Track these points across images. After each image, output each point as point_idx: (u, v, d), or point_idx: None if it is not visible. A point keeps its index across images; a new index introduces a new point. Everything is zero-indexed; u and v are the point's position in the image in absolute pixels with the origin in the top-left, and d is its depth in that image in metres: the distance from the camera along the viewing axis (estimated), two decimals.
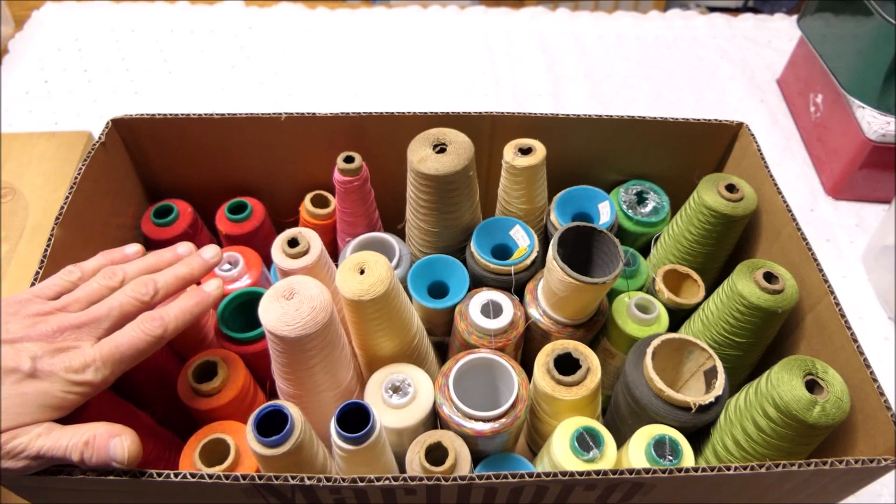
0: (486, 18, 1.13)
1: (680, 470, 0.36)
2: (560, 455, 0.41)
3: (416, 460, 0.41)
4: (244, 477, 0.34)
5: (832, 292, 0.45)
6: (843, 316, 0.44)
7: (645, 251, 0.60)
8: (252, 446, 0.36)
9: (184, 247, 0.46)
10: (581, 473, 0.35)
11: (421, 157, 0.48)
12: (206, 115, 0.55)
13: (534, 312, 0.50)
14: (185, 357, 0.50)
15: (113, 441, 0.36)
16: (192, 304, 0.42)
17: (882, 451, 0.39)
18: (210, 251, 0.46)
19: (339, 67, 1.03)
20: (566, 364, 0.45)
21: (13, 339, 0.36)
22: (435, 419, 0.46)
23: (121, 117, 0.55)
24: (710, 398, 0.43)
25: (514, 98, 0.99)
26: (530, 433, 0.50)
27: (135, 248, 0.46)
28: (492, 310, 0.48)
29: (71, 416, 0.37)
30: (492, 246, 0.53)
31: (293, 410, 0.37)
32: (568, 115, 0.57)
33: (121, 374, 0.38)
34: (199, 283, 0.45)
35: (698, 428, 0.44)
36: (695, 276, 0.53)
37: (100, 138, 0.53)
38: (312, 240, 0.46)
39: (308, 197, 0.60)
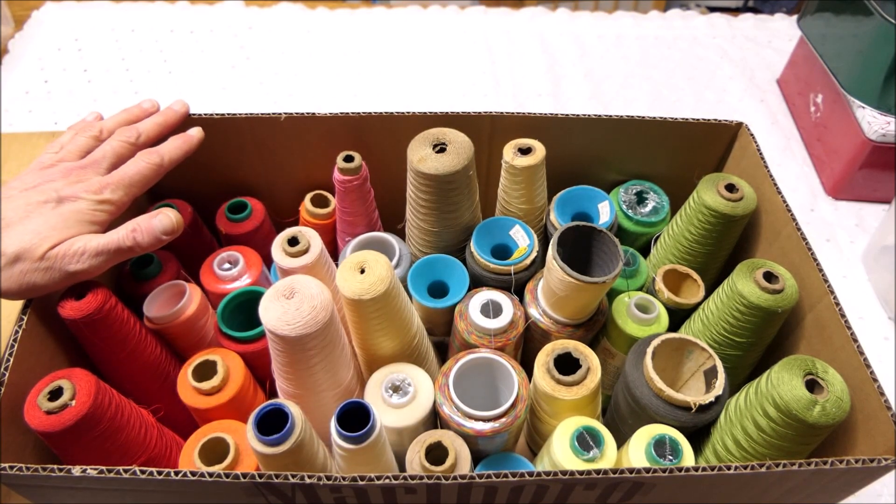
0: (486, 18, 1.13)
1: (680, 470, 0.36)
2: (560, 454, 0.41)
3: (416, 460, 0.41)
4: (244, 475, 0.34)
5: (832, 292, 0.45)
6: (843, 316, 0.44)
7: (645, 251, 0.60)
8: (252, 445, 0.36)
9: (147, 103, 0.54)
10: (581, 473, 0.35)
11: (421, 156, 0.48)
12: (206, 115, 0.55)
13: (534, 312, 0.50)
14: (185, 356, 0.50)
15: (156, 219, 0.45)
16: (181, 142, 0.51)
17: (882, 451, 0.39)
18: (178, 104, 0.54)
19: (339, 67, 1.02)
20: (566, 364, 0.44)
21: (33, 185, 0.44)
22: (435, 419, 0.46)
23: None
24: (710, 398, 0.43)
25: (514, 98, 0.99)
26: (530, 433, 0.50)
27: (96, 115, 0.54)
28: (491, 309, 0.48)
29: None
30: (492, 246, 0.53)
31: (293, 409, 0.37)
32: (568, 115, 0.57)
33: (133, 198, 0.47)
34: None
35: (698, 428, 0.44)
36: (695, 275, 0.53)
37: None
38: (312, 239, 0.46)
39: (308, 197, 0.60)
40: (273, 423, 0.37)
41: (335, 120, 0.56)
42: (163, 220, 0.45)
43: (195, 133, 0.53)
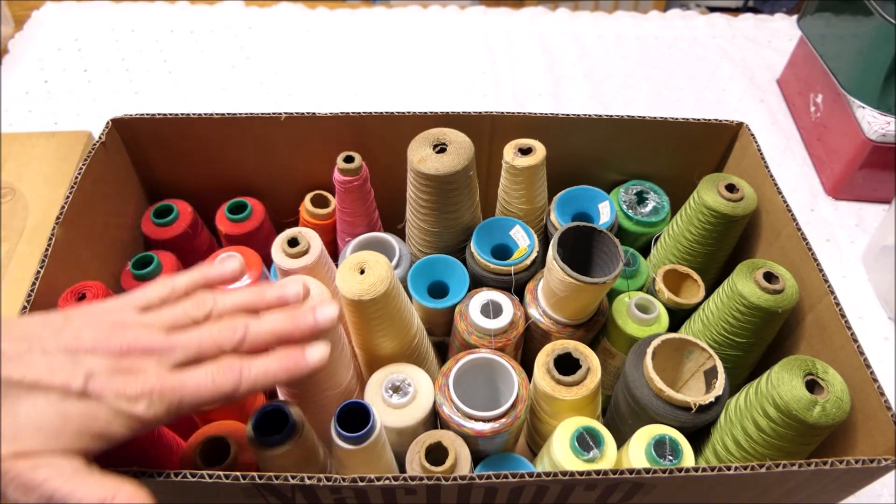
0: (486, 18, 1.13)
1: (680, 470, 0.36)
2: (560, 455, 0.41)
3: (416, 460, 0.41)
4: (244, 476, 0.34)
5: (832, 292, 0.45)
6: (843, 316, 0.44)
7: (645, 251, 0.60)
8: (252, 446, 0.36)
9: (294, 286, 0.38)
10: (581, 473, 0.35)
11: (421, 156, 0.48)
12: (205, 114, 0.55)
13: (534, 312, 0.50)
14: None
15: None
16: (282, 369, 0.35)
17: (882, 451, 0.39)
18: (324, 312, 0.36)
19: (339, 67, 1.02)
20: (566, 364, 0.44)
21: (78, 347, 0.32)
22: (435, 419, 0.46)
23: (121, 117, 0.55)
24: (710, 398, 0.43)
25: (514, 98, 0.99)
26: (530, 433, 0.50)
27: (233, 264, 0.39)
28: (492, 310, 0.48)
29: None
30: (492, 246, 0.53)
31: (293, 410, 0.37)
32: (568, 115, 0.57)
33: (175, 419, 0.33)
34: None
35: (698, 428, 0.44)
36: (695, 276, 0.53)
37: (100, 138, 0.53)
38: (312, 239, 0.46)
39: (308, 197, 0.60)
40: (273, 424, 0.37)
41: (335, 120, 0.56)
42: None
43: (314, 358, 0.35)
